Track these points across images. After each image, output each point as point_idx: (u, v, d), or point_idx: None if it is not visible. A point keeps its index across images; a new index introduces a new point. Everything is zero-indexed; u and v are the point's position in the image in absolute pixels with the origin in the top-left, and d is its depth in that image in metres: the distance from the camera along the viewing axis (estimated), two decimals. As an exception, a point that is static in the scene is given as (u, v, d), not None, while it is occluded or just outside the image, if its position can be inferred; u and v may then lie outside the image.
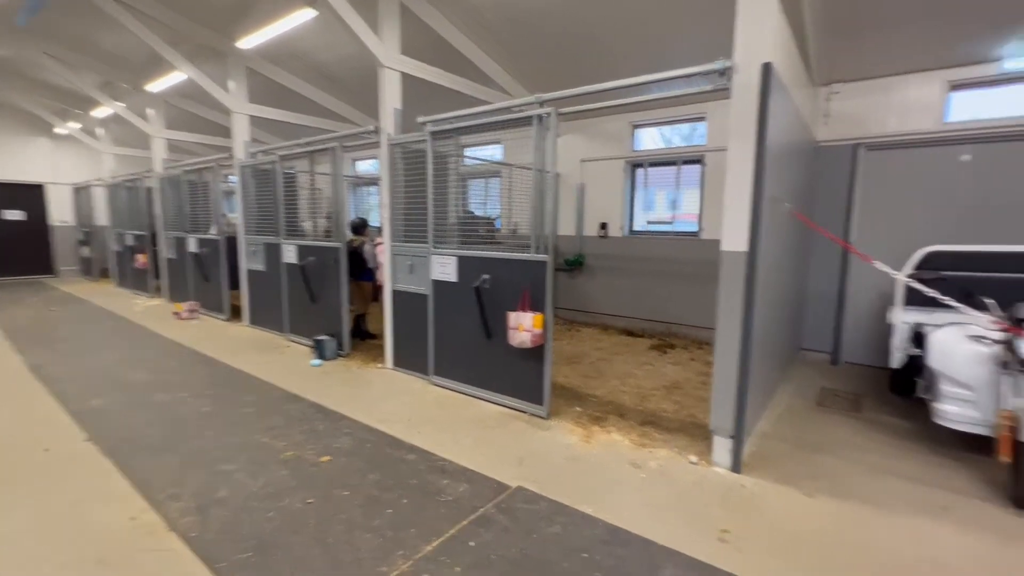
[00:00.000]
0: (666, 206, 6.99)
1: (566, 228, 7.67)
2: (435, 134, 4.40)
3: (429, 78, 5.32)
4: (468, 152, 6.21)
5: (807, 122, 4.79)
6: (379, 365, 5.24)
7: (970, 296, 3.10)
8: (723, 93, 3.08)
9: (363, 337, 6.28)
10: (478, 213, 5.03)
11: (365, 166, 11.20)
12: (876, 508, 2.74)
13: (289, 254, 6.11)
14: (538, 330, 3.72)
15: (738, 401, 3.05)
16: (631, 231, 7.29)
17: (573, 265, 7.52)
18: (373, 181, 10.33)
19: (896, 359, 3.95)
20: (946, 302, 2.97)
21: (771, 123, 2.96)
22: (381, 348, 5.29)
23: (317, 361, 5.34)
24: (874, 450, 3.42)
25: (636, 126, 6.97)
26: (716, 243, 3.11)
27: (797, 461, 3.26)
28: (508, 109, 4.20)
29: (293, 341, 6.20)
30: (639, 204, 7.24)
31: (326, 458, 3.24)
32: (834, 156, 5.36)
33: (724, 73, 3.00)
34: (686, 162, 6.63)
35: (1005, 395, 2.85)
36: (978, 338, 3.03)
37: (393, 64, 4.86)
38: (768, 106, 2.86)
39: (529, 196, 3.90)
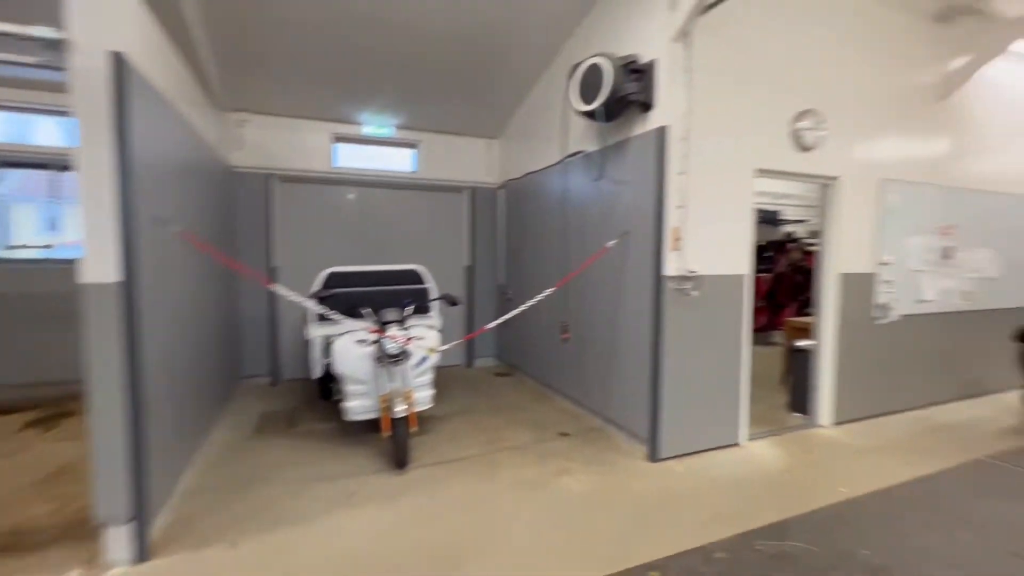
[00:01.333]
0: (41, 225, 5.11)
1: None
2: None
3: None
4: None
5: (214, 144, 4.58)
6: None
7: (354, 308, 3.75)
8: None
9: None
10: None
11: None
12: (301, 524, 2.80)
13: None
14: None
15: (134, 474, 2.41)
16: (-20, 259, 4.90)
17: None
18: None
19: (316, 370, 4.37)
20: (331, 316, 3.45)
21: (143, 130, 2.50)
22: None
23: None
24: (304, 462, 3.60)
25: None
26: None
27: (224, 508, 2.95)
28: None
29: None
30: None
31: None
32: (251, 182, 5.45)
33: (56, 48, 2.26)
34: (66, 168, 5.06)
35: (383, 383, 3.61)
36: (362, 342, 3.71)
37: None
38: (129, 105, 2.36)
39: None
